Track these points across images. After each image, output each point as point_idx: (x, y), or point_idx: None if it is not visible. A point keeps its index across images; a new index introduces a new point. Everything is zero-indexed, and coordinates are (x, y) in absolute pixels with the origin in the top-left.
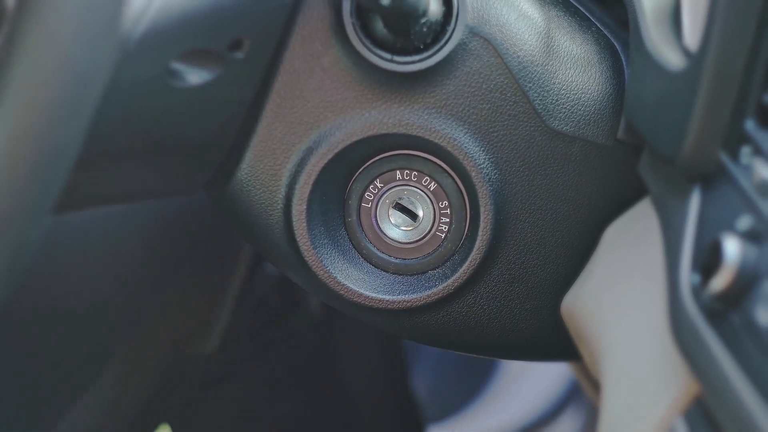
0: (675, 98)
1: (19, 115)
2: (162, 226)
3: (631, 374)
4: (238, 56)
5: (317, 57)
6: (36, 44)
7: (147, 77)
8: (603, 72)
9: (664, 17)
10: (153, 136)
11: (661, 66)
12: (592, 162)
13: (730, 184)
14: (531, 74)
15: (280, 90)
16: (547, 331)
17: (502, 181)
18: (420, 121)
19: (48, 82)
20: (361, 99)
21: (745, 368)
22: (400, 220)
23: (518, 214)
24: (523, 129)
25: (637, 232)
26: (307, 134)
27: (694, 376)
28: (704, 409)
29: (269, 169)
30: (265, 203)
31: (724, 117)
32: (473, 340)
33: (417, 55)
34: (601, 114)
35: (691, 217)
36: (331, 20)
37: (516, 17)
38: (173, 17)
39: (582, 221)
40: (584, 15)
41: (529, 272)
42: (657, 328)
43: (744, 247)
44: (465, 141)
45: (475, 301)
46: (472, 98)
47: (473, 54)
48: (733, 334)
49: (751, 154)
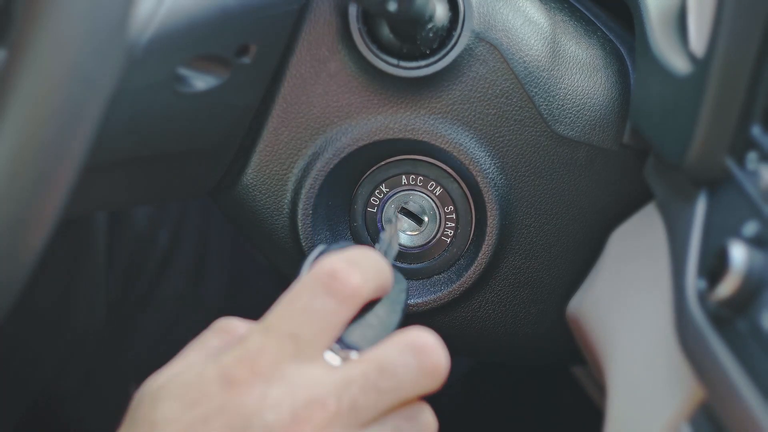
0: (681, 103)
1: (26, 122)
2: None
3: (637, 379)
4: (245, 62)
5: (324, 62)
6: (43, 51)
7: (154, 83)
8: (609, 77)
9: (669, 22)
10: (159, 142)
11: (667, 71)
12: (597, 167)
13: (736, 189)
14: (537, 79)
15: (286, 95)
16: (552, 336)
17: (507, 186)
18: (426, 126)
19: (55, 88)
20: (368, 104)
21: (751, 374)
22: (405, 224)
23: (524, 219)
24: (528, 134)
25: (642, 237)
26: (313, 139)
27: (700, 381)
28: (710, 414)
29: (275, 174)
30: (270, 208)
31: (730, 122)
32: (478, 344)
33: (423, 61)
34: (606, 119)
35: (697, 222)
36: (338, 26)
37: (522, 22)
38: (180, 23)
39: (587, 226)
40: (590, 20)
41: (535, 277)
42: (663, 334)
43: (750, 254)
44: (471, 146)
45: (481, 306)
46: (478, 103)
47: (479, 59)
48: (739, 340)
49: (757, 160)
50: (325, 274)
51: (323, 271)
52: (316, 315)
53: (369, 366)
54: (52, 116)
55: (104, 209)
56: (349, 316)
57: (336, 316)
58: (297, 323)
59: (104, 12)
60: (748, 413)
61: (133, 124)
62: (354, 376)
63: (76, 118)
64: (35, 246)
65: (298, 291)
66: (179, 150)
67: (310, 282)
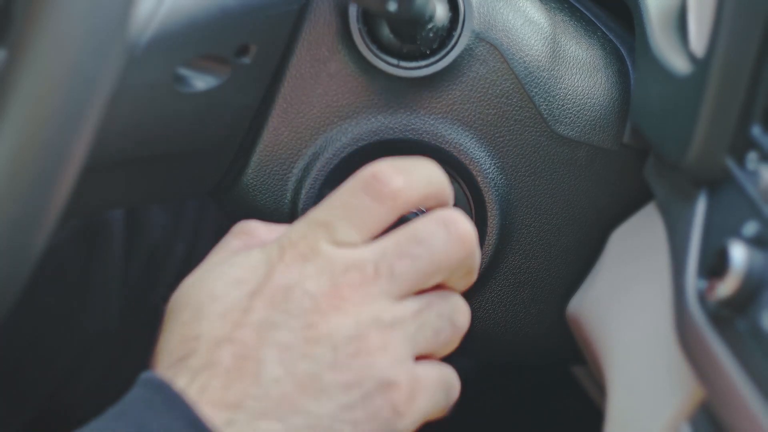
0: (681, 103)
1: (26, 122)
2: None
3: (637, 379)
4: (244, 62)
5: (323, 62)
6: (43, 51)
7: (154, 83)
8: (609, 77)
9: (670, 22)
10: (159, 142)
11: (667, 71)
12: (597, 167)
13: (736, 189)
14: (537, 79)
15: (286, 95)
16: (552, 336)
17: (507, 186)
18: (426, 126)
19: (55, 88)
20: (368, 104)
21: (751, 374)
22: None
23: (524, 219)
24: (529, 134)
25: (642, 237)
26: (313, 139)
27: (700, 381)
28: (710, 414)
29: (275, 174)
30: (270, 208)
31: (730, 122)
32: (478, 344)
33: (423, 61)
34: (606, 119)
35: (697, 222)
36: (338, 26)
37: (522, 22)
38: (180, 23)
39: (587, 226)
40: (590, 20)
41: (535, 276)
42: (662, 334)
43: (750, 254)
44: (471, 146)
45: (480, 306)
46: (478, 103)
47: (479, 59)
48: (739, 340)
49: (757, 160)
50: (368, 174)
51: (366, 172)
52: (353, 211)
53: (401, 236)
54: (52, 116)
55: (104, 209)
56: (388, 217)
57: (371, 215)
58: (333, 215)
59: (104, 12)
60: (748, 413)
61: (133, 124)
62: (388, 245)
63: (76, 118)
64: (35, 246)
65: (340, 190)
66: (179, 150)
67: (352, 182)
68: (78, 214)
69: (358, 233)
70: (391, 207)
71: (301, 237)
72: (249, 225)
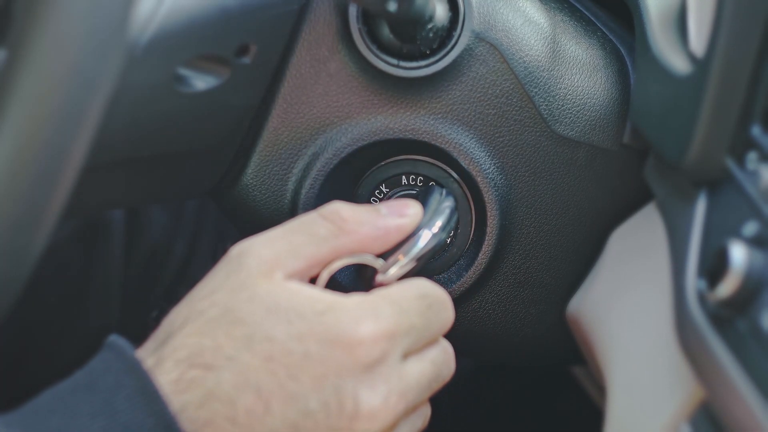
0: (681, 103)
1: (26, 122)
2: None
3: (637, 379)
4: (244, 62)
5: (323, 62)
6: (43, 51)
7: (154, 83)
8: (609, 77)
9: (669, 22)
10: (159, 142)
11: (667, 71)
12: (597, 167)
13: (736, 189)
14: (537, 79)
15: (286, 95)
16: (552, 336)
17: (507, 186)
18: (426, 126)
19: (55, 88)
20: (368, 104)
21: (751, 374)
22: None
23: (524, 219)
24: (528, 134)
25: (642, 237)
26: (313, 139)
27: (700, 381)
28: (710, 414)
29: (275, 174)
30: (270, 208)
31: (730, 122)
32: (478, 344)
33: (423, 61)
34: (606, 119)
35: (697, 222)
36: (338, 26)
37: (522, 22)
38: (180, 23)
39: (587, 226)
40: (590, 20)
41: (535, 277)
42: (663, 334)
43: (750, 254)
44: (471, 146)
45: (480, 306)
46: (478, 103)
47: (479, 59)
48: (739, 340)
49: (757, 160)
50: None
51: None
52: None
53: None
54: (52, 116)
55: (104, 209)
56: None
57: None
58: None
59: (104, 12)
60: (748, 413)
61: (133, 124)
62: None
63: (76, 118)
64: (35, 246)
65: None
66: (179, 150)
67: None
68: (78, 214)
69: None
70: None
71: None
72: (334, 207)
